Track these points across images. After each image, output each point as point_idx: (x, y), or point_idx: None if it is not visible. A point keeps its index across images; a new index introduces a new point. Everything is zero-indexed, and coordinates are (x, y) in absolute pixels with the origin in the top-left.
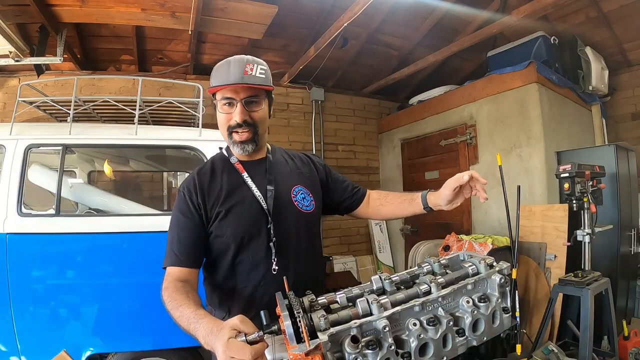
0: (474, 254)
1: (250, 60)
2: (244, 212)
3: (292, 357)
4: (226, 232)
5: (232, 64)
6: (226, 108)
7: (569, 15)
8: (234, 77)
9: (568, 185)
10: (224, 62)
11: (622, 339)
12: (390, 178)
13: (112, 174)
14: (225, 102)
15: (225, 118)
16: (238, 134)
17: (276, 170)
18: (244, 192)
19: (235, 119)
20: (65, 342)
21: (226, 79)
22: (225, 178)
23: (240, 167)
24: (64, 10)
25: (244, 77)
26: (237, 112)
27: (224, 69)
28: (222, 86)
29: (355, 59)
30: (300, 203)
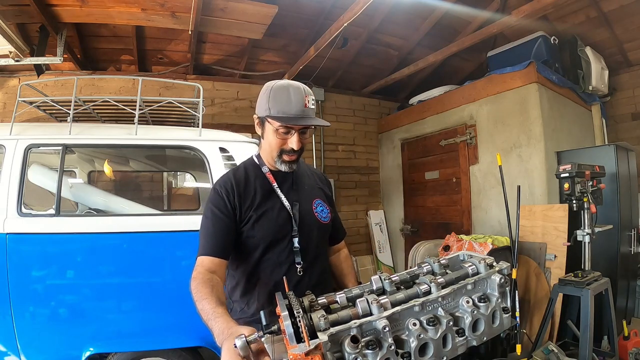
0: (474, 254)
1: (307, 92)
2: (273, 218)
3: (292, 357)
4: (257, 234)
5: (293, 94)
6: (282, 135)
7: (569, 15)
8: (295, 109)
9: (568, 185)
10: (283, 88)
11: (622, 339)
12: (390, 178)
13: (112, 174)
14: (283, 131)
15: (280, 142)
16: (288, 156)
17: (300, 183)
18: (274, 200)
19: (292, 147)
20: (66, 342)
21: (288, 111)
22: (258, 185)
23: (271, 177)
24: (64, 10)
25: (304, 110)
26: (294, 141)
27: (285, 98)
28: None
29: (355, 59)
30: (319, 215)
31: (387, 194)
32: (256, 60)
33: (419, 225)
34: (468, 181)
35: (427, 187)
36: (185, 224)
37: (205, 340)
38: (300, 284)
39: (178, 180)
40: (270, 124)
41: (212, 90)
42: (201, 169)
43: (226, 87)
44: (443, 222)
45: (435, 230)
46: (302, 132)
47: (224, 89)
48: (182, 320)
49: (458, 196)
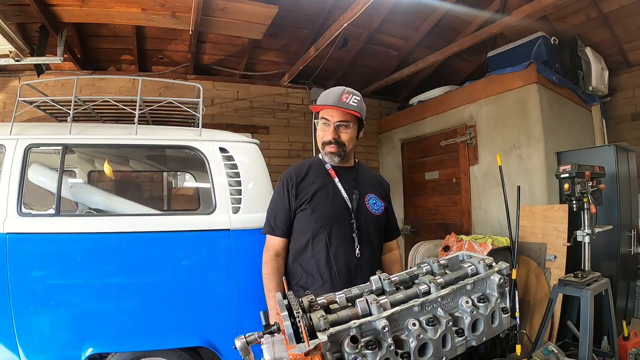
0: (473, 254)
1: (349, 91)
2: (331, 206)
3: (291, 357)
4: (314, 217)
5: (334, 90)
6: (323, 127)
7: (569, 15)
8: (331, 100)
9: (568, 185)
10: (329, 90)
11: (622, 340)
12: (391, 178)
13: (112, 174)
14: (323, 122)
15: (322, 134)
16: (330, 147)
17: (359, 179)
18: (335, 191)
19: (328, 137)
20: (65, 342)
21: (325, 101)
22: (318, 178)
23: (333, 172)
24: (64, 10)
25: (339, 102)
26: (330, 132)
27: (327, 94)
28: (321, 106)
29: (355, 59)
30: (371, 207)
31: None
32: (256, 61)
33: (418, 226)
34: (468, 181)
35: (427, 188)
36: (185, 224)
37: (205, 340)
38: (357, 266)
39: (178, 180)
40: (317, 120)
41: (212, 90)
42: (201, 169)
43: (226, 87)
44: (443, 222)
45: (435, 231)
46: (338, 126)
47: (224, 89)
48: (182, 320)
49: (458, 196)
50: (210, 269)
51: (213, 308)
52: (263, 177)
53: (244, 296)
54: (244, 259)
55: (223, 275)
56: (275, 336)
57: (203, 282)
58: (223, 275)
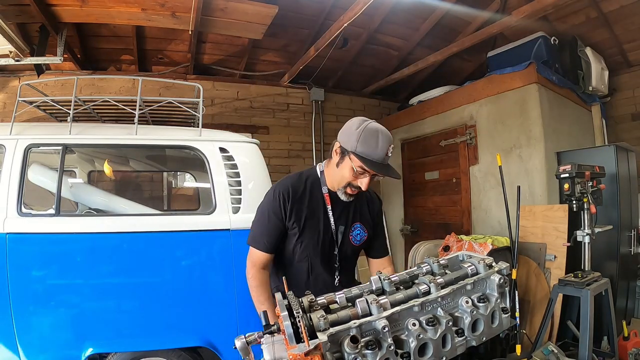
0: (473, 254)
1: (391, 141)
2: (319, 234)
3: (291, 357)
4: (301, 244)
5: (381, 141)
6: (358, 174)
7: (569, 15)
8: (379, 156)
9: (568, 185)
10: (374, 132)
11: (622, 340)
12: (390, 178)
13: (112, 174)
14: (360, 171)
15: (352, 177)
16: (352, 190)
17: (351, 208)
18: (324, 219)
19: (361, 186)
20: (65, 342)
21: (373, 155)
22: (313, 201)
23: (328, 199)
24: (64, 10)
25: (384, 157)
26: (364, 182)
27: (374, 143)
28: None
29: (355, 59)
30: (354, 238)
31: (387, 194)
32: (256, 60)
33: (418, 226)
34: (468, 181)
35: (427, 188)
36: (185, 224)
37: (205, 340)
38: (334, 290)
39: (178, 180)
40: (351, 160)
41: (212, 90)
42: (201, 169)
43: (226, 87)
44: (443, 222)
45: (435, 231)
46: (372, 176)
47: (224, 89)
48: (182, 320)
49: (458, 196)
50: (210, 269)
51: (213, 308)
52: (263, 177)
53: (244, 296)
54: (244, 259)
55: (223, 275)
56: (275, 336)
57: (203, 282)
58: (223, 275)
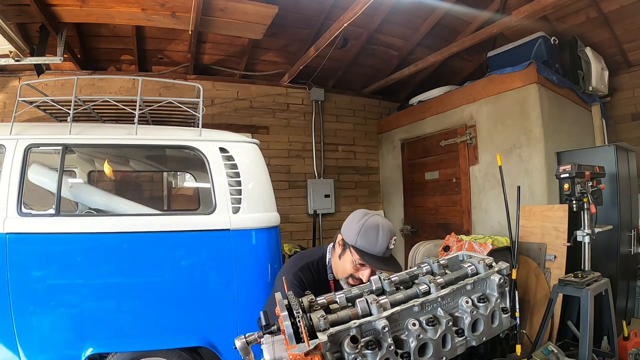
0: (473, 254)
1: (393, 234)
2: None
3: (291, 357)
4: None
5: (381, 236)
6: (359, 267)
7: (569, 15)
8: (379, 249)
9: (568, 185)
10: (374, 227)
11: (622, 340)
12: (390, 178)
13: (112, 174)
14: (360, 264)
15: (353, 270)
16: (353, 281)
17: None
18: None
19: (362, 278)
20: (65, 342)
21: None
22: (320, 287)
23: (332, 286)
24: (64, 10)
25: (385, 251)
26: (365, 275)
27: (373, 237)
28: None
29: (355, 59)
30: None
31: (387, 194)
32: (256, 60)
33: (418, 226)
34: (468, 181)
35: (427, 188)
36: (185, 224)
37: (205, 340)
38: None
39: (178, 180)
40: (351, 253)
41: (212, 90)
42: (201, 169)
43: (226, 87)
44: (443, 222)
45: (435, 231)
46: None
47: (224, 89)
48: (182, 320)
49: (458, 196)
50: (210, 269)
51: (213, 308)
52: (263, 177)
53: (244, 296)
54: (244, 259)
55: (223, 275)
56: (275, 336)
57: (203, 282)
58: (223, 275)
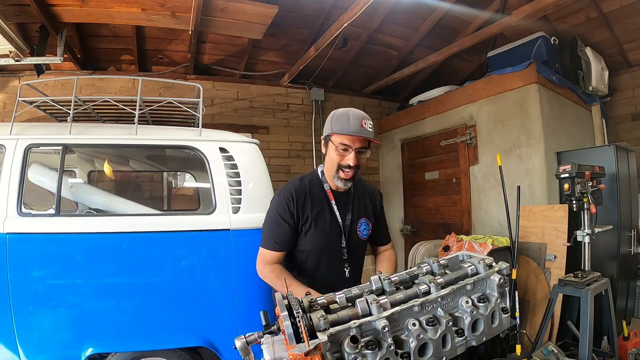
0: (473, 254)
1: (365, 117)
2: (327, 230)
3: (291, 357)
4: (310, 242)
5: (352, 117)
6: (341, 152)
7: (569, 15)
8: (353, 128)
9: (568, 185)
10: (344, 113)
11: (622, 340)
12: (390, 178)
13: (112, 174)
14: (342, 147)
15: (339, 158)
16: (344, 173)
17: (355, 202)
18: (331, 215)
19: (348, 162)
20: (65, 342)
21: (347, 129)
22: (317, 199)
23: (331, 195)
24: (64, 10)
25: (360, 129)
26: (351, 158)
27: (345, 120)
28: (344, 134)
29: (355, 59)
30: (361, 233)
31: (387, 194)
32: (256, 60)
33: (418, 226)
34: (468, 181)
35: (427, 188)
36: (185, 224)
37: (205, 340)
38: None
39: (178, 180)
40: (332, 142)
41: (212, 90)
42: (201, 169)
43: (226, 87)
44: (443, 222)
45: (435, 231)
46: (358, 152)
47: (224, 89)
48: (182, 320)
49: (458, 196)
50: (210, 269)
51: (213, 308)
52: (263, 177)
53: (244, 296)
54: (244, 259)
55: (223, 275)
56: (275, 336)
57: (203, 282)
58: (223, 275)
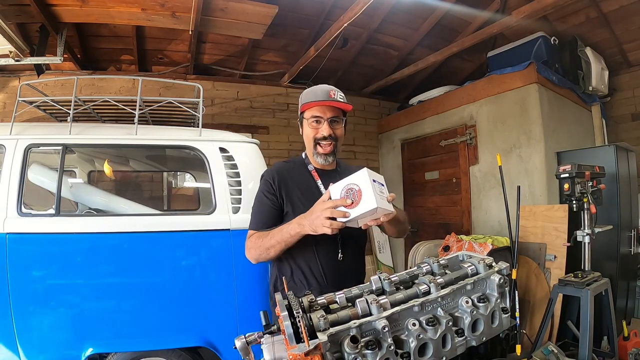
0: (473, 254)
1: (334, 89)
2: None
3: (291, 357)
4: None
5: (319, 90)
6: (314, 125)
7: (569, 15)
8: (321, 97)
9: (568, 185)
10: (312, 89)
11: (622, 340)
12: (391, 178)
13: (112, 174)
14: (314, 120)
15: (313, 132)
16: (322, 147)
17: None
18: (316, 194)
19: (323, 133)
20: (65, 342)
21: (317, 98)
22: (301, 179)
23: (316, 174)
24: (64, 10)
25: (330, 99)
26: (325, 128)
27: (312, 93)
28: (313, 102)
29: (355, 59)
30: None
31: None
32: (256, 60)
33: (418, 226)
34: (468, 181)
35: (427, 188)
36: (185, 224)
37: (205, 340)
38: (340, 270)
39: (178, 180)
40: (305, 119)
41: (212, 90)
42: (201, 169)
43: (226, 87)
44: (443, 222)
45: (435, 231)
46: (332, 122)
47: (224, 89)
48: (182, 320)
49: (458, 196)
50: (210, 269)
51: (213, 308)
52: None
53: (244, 296)
54: (244, 259)
55: (223, 275)
56: (275, 336)
57: (203, 282)
58: (223, 275)
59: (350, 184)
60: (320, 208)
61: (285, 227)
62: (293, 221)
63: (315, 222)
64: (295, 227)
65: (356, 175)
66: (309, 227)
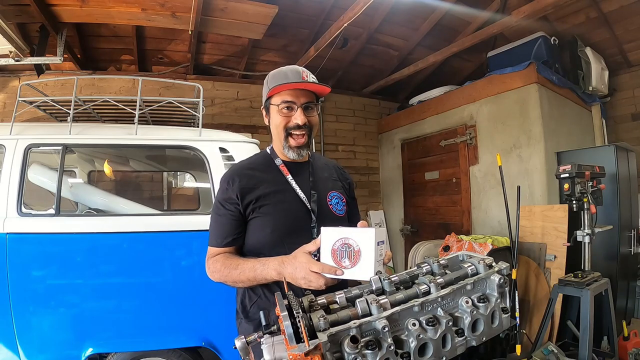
0: (473, 254)
1: (305, 70)
2: (289, 209)
3: (291, 357)
4: (270, 224)
5: (289, 72)
6: (285, 112)
7: (569, 15)
8: (293, 77)
9: (568, 185)
10: (279, 70)
11: (622, 340)
12: (390, 178)
13: (112, 174)
14: (285, 106)
15: (285, 120)
16: (294, 139)
17: (316, 175)
18: (289, 192)
19: (297, 122)
20: (65, 342)
21: (287, 80)
22: (267, 177)
23: (285, 169)
24: (64, 10)
25: (303, 81)
26: (298, 115)
27: (282, 75)
28: (285, 85)
29: (355, 59)
30: (334, 207)
31: (387, 195)
32: (256, 60)
33: (418, 226)
34: (468, 181)
35: (427, 188)
36: (185, 224)
37: (205, 340)
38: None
39: (178, 180)
40: (273, 105)
41: (212, 90)
42: (201, 169)
43: (226, 87)
44: (443, 222)
45: (435, 231)
46: (306, 108)
47: (224, 89)
48: (182, 320)
49: (458, 196)
50: None
51: (213, 308)
52: None
53: None
54: None
55: None
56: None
57: (203, 282)
58: None
59: (349, 238)
60: (306, 260)
61: (259, 267)
62: (270, 264)
63: (296, 274)
64: (271, 273)
65: (360, 232)
66: (289, 278)
